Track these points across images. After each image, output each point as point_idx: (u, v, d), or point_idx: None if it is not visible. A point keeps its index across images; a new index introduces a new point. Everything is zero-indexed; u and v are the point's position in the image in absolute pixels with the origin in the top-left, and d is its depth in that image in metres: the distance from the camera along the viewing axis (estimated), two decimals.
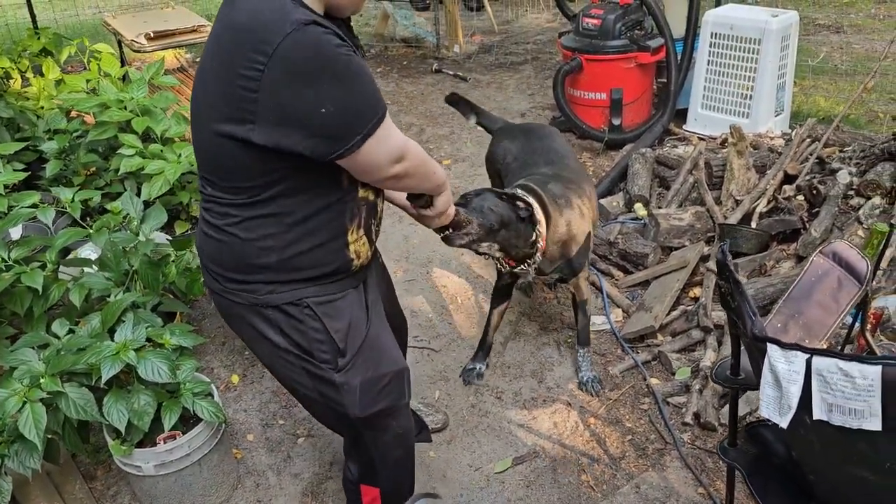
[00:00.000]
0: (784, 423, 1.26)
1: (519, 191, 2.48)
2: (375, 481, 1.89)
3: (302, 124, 1.35)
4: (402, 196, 1.78)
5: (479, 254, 2.42)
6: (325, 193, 1.51)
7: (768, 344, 1.27)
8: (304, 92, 1.33)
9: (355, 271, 1.66)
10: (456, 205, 2.09)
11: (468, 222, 2.18)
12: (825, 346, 1.84)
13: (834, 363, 1.19)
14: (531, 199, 2.45)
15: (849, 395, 1.19)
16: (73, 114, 3.58)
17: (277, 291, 1.57)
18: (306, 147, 1.37)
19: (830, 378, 1.20)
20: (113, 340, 2.13)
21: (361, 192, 1.57)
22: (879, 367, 1.15)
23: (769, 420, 1.31)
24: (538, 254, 2.49)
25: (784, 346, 1.25)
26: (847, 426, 1.21)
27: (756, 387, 1.43)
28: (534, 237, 2.43)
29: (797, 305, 1.88)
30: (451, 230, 2.07)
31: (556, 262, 2.61)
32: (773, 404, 1.28)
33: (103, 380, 2.01)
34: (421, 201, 1.75)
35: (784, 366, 1.25)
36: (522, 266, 2.53)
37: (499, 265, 2.61)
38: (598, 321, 3.16)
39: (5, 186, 2.79)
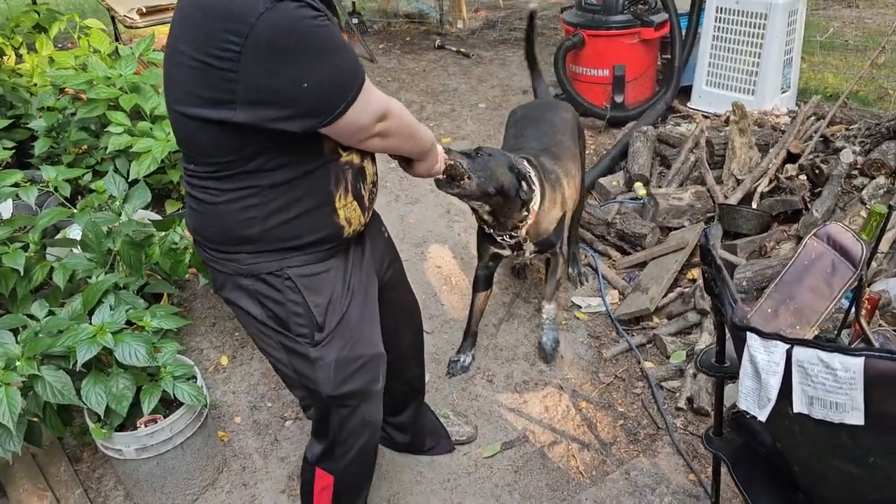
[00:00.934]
0: (763, 417, 1.20)
1: (530, 171, 2.49)
2: (333, 467, 1.86)
3: (284, 102, 1.33)
4: None
5: (470, 206, 2.49)
6: (307, 161, 1.48)
7: (748, 333, 1.21)
8: (284, 70, 1.30)
9: (348, 238, 1.63)
10: (462, 153, 2.21)
11: (466, 177, 2.20)
12: (817, 332, 1.77)
13: (815, 354, 1.13)
14: (535, 181, 2.49)
15: (830, 388, 1.13)
16: (70, 91, 3.53)
17: (261, 261, 1.55)
18: (289, 123, 1.36)
19: (811, 370, 1.14)
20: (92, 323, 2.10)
21: (345, 156, 1.53)
22: (862, 359, 1.09)
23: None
24: (524, 230, 2.52)
25: (764, 335, 1.19)
26: (828, 420, 1.16)
27: None
28: (524, 215, 2.47)
29: (789, 289, 1.82)
30: (445, 176, 2.08)
31: (538, 237, 2.62)
32: (751, 396, 1.22)
33: (79, 364, 1.98)
34: (403, 160, 1.74)
35: (764, 356, 1.19)
36: (504, 237, 2.56)
37: (484, 226, 2.61)
38: (593, 303, 3.11)
39: None
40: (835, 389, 1.13)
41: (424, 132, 1.64)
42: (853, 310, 1.87)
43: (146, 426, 2.19)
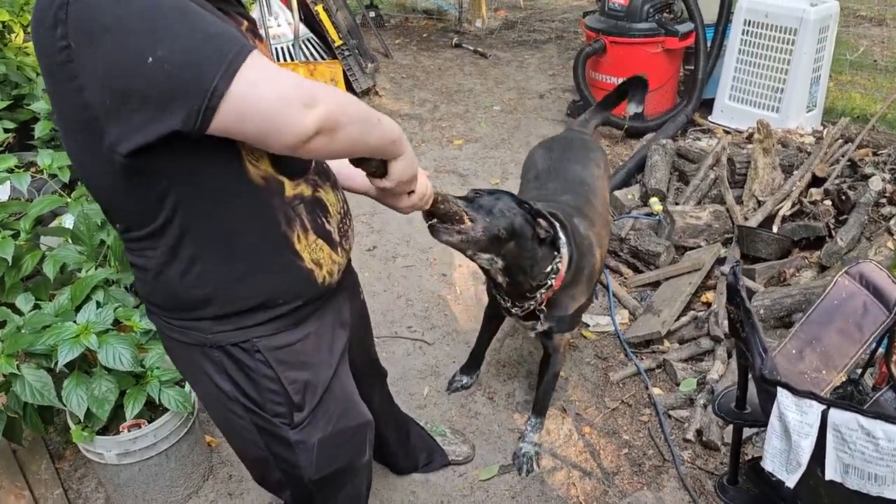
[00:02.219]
0: (791, 483, 1.09)
1: (544, 210, 2.05)
2: None
3: (141, 90, 1.00)
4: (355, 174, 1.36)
5: (479, 266, 2.00)
6: (237, 201, 1.18)
7: (779, 388, 1.10)
8: (117, 51, 0.99)
9: (323, 286, 1.35)
10: (459, 198, 1.80)
11: (466, 219, 1.78)
12: (845, 378, 1.66)
13: (854, 419, 1.02)
14: (557, 226, 2.04)
15: (869, 458, 1.02)
16: None
17: (225, 329, 1.29)
18: (167, 122, 1.01)
19: (849, 436, 1.03)
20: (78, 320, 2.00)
21: (290, 190, 1.24)
22: None
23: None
24: (544, 294, 2.06)
25: (797, 393, 1.08)
26: (864, 491, 1.05)
27: (764, 424, 1.27)
28: (549, 269, 2.01)
29: (816, 330, 1.71)
30: (436, 220, 1.70)
31: (557, 311, 2.16)
32: (779, 458, 1.12)
33: (60, 364, 1.88)
34: (370, 166, 1.26)
35: (796, 416, 1.08)
36: (518, 306, 2.11)
37: (495, 293, 2.19)
38: (602, 322, 2.99)
39: None
40: (875, 460, 1.02)
41: (385, 119, 1.20)
42: (882, 352, 1.76)
43: (129, 431, 2.10)
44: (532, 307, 2.09)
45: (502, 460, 2.42)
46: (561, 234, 2.05)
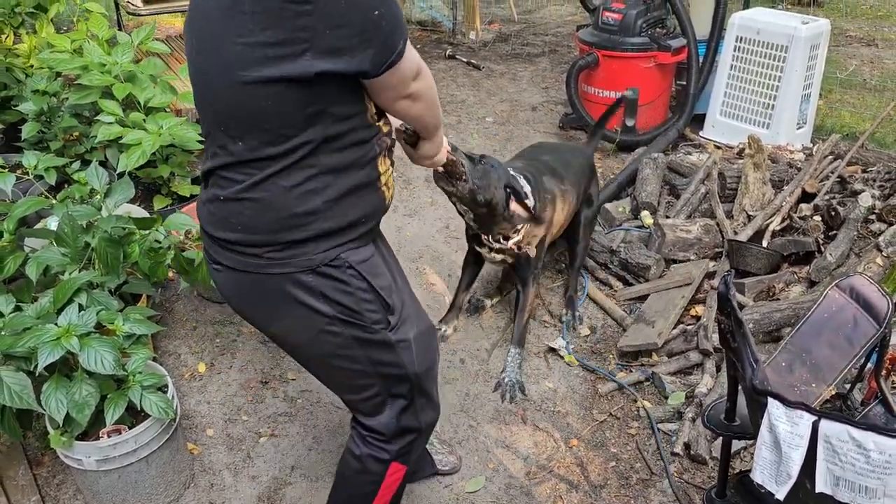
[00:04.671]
0: (781, 495, 1.07)
1: (526, 188, 2.51)
2: (409, 458, 1.77)
3: (359, 31, 1.27)
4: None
5: (457, 210, 2.52)
6: (356, 130, 1.43)
7: (769, 399, 1.09)
8: None
9: (387, 207, 1.59)
10: (467, 155, 2.26)
11: (463, 178, 2.23)
12: (834, 392, 1.65)
13: (846, 430, 1.01)
14: (530, 201, 2.50)
15: (860, 470, 1.00)
16: (71, 76, 3.41)
17: (320, 252, 1.45)
18: (363, 58, 1.29)
19: (840, 448, 1.01)
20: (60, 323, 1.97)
21: (383, 127, 1.52)
22: None
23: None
24: (511, 242, 2.58)
25: (788, 403, 1.07)
26: None
27: (753, 436, 1.25)
28: (511, 232, 2.55)
29: (806, 343, 1.69)
30: (443, 170, 2.13)
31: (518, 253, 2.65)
32: (769, 469, 1.10)
33: (40, 367, 1.85)
34: (408, 134, 1.68)
35: (786, 427, 1.07)
36: (491, 241, 2.59)
37: (469, 228, 2.67)
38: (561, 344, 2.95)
39: None
40: (866, 472, 1.00)
41: (440, 112, 1.61)
42: (871, 367, 1.75)
43: (109, 437, 2.06)
44: (506, 248, 2.59)
45: (488, 472, 2.39)
46: (528, 189, 2.50)
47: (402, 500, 1.89)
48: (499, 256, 2.70)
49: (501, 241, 2.57)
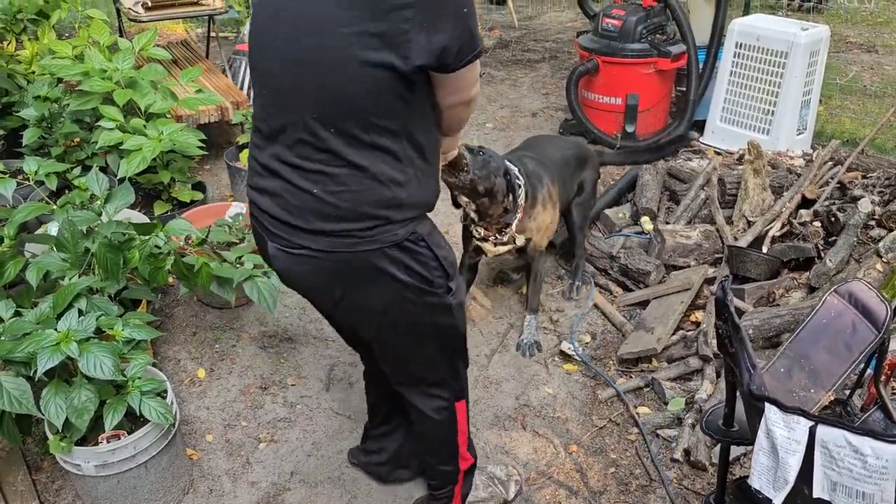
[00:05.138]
0: (779, 500, 1.07)
1: (520, 180, 2.67)
2: (464, 392, 2.02)
3: (453, 24, 1.41)
4: None
5: (456, 206, 2.63)
6: (431, 121, 1.60)
7: (766, 404, 1.09)
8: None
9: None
10: (468, 147, 2.38)
11: (464, 170, 2.37)
12: (833, 397, 1.65)
13: (842, 436, 1.01)
14: (516, 171, 2.67)
15: (857, 476, 1.00)
16: (72, 82, 3.43)
17: (403, 228, 1.62)
18: (451, 50, 1.42)
19: (837, 453, 1.01)
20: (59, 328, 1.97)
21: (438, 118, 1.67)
22: None
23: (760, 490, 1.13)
24: (515, 226, 2.71)
25: (785, 408, 1.06)
26: None
27: (751, 442, 1.25)
28: (509, 218, 2.67)
29: (805, 348, 1.69)
30: (447, 162, 2.20)
31: (527, 231, 2.81)
32: (766, 475, 1.10)
33: (39, 372, 1.85)
34: None
35: (783, 432, 1.06)
36: (491, 236, 2.74)
37: (472, 227, 2.77)
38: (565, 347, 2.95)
39: None
40: (863, 477, 1.00)
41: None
42: (870, 373, 1.75)
43: (108, 442, 2.06)
44: (508, 234, 2.72)
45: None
46: (521, 179, 2.66)
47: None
48: (503, 249, 2.78)
49: (504, 230, 2.70)
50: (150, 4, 4.04)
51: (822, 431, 1.02)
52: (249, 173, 1.70)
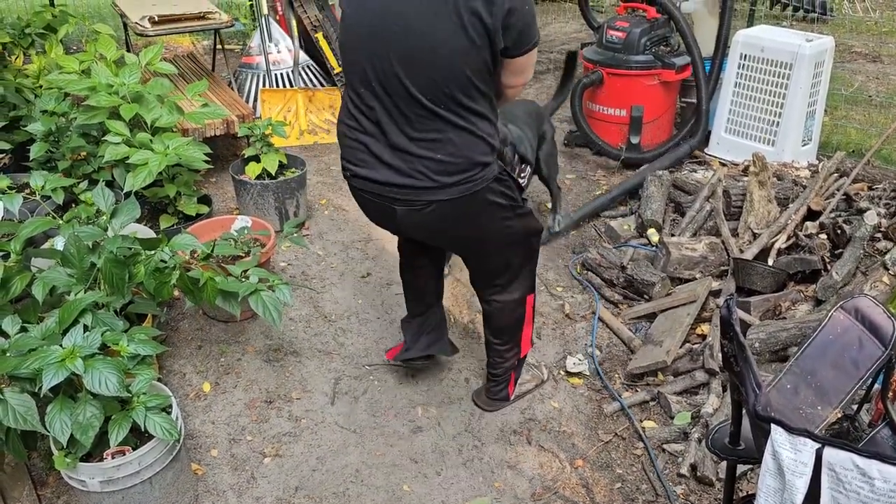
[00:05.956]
0: None
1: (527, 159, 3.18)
2: (533, 286, 2.52)
3: (520, 22, 1.92)
4: None
5: None
6: (495, 91, 2.09)
7: (772, 425, 1.08)
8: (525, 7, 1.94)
9: None
10: None
11: None
12: (840, 414, 1.63)
13: (850, 458, 1.00)
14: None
15: (865, 499, 1.00)
16: (80, 97, 3.45)
17: (495, 166, 2.14)
18: (516, 41, 1.95)
19: (844, 476, 1.01)
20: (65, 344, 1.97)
21: None
22: None
23: None
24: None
25: (792, 430, 1.06)
26: None
27: (757, 461, 1.24)
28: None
29: (811, 364, 1.68)
30: None
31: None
32: (773, 497, 1.09)
33: (44, 389, 1.85)
34: None
35: (790, 454, 1.06)
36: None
37: None
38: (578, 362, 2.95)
39: None
40: (870, 500, 0.99)
41: None
42: (878, 388, 1.73)
43: (113, 458, 2.06)
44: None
45: (493, 493, 2.38)
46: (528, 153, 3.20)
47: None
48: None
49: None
50: (156, 19, 4.06)
51: (829, 454, 1.02)
52: (353, 154, 2.14)
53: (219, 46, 5.06)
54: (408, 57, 1.92)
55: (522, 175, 3.16)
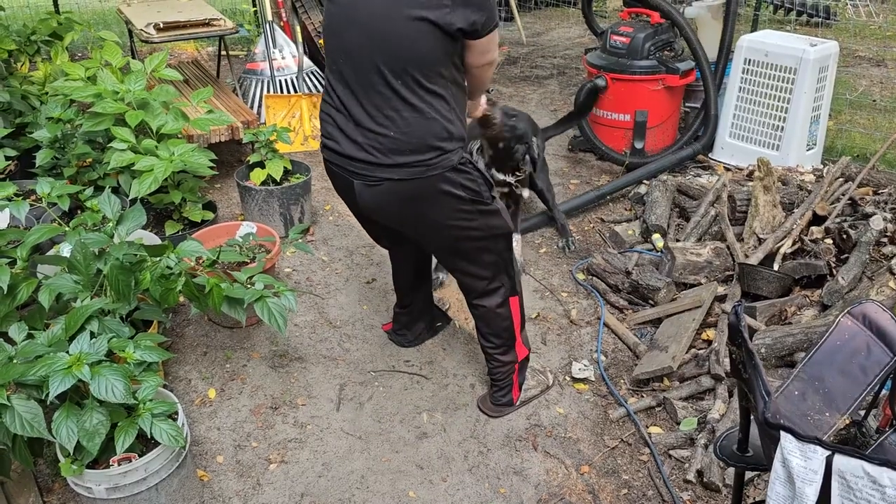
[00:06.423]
0: None
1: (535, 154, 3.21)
2: (515, 288, 2.53)
3: (479, 3, 1.97)
4: None
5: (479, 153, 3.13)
6: (461, 73, 2.13)
7: (782, 432, 1.08)
8: None
9: None
10: (504, 111, 2.96)
11: (492, 127, 2.88)
12: (848, 421, 1.63)
13: (860, 466, 0.99)
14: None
15: None
16: (86, 104, 3.46)
17: (454, 155, 2.13)
18: (478, 21, 1.98)
19: (855, 483, 1.00)
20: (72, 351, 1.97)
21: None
22: None
23: None
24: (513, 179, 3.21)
25: (801, 437, 1.05)
26: None
27: (766, 468, 1.23)
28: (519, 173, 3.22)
29: (819, 371, 1.67)
30: (479, 121, 2.73)
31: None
32: None
33: (51, 396, 1.85)
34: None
35: (800, 461, 1.05)
36: (497, 174, 3.15)
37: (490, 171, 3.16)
38: (584, 367, 2.95)
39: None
40: None
41: None
42: (885, 393, 1.72)
43: (119, 465, 2.06)
44: (509, 181, 3.20)
45: (500, 499, 2.37)
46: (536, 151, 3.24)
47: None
48: (503, 190, 3.21)
49: (507, 175, 3.16)
50: (161, 26, 4.08)
51: (839, 461, 1.01)
52: (325, 127, 2.22)
53: (223, 53, 5.07)
54: (378, 32, 2.01)
55: (519, 171, 3.18)
